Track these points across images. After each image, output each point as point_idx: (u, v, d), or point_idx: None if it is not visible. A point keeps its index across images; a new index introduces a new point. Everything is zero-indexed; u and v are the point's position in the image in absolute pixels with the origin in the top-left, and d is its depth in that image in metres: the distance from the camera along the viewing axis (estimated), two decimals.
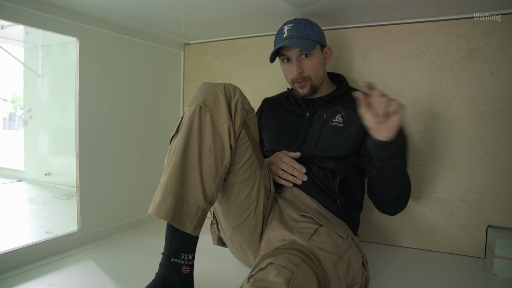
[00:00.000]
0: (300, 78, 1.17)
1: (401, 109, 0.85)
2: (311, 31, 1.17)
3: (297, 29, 1.16)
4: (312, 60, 1.17)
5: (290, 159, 1.10)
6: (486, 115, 1.27)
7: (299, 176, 1.09)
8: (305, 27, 1.16)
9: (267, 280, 0.67)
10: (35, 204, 2.02)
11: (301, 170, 1.09)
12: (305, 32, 1.16)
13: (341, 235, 0.95)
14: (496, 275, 1.14)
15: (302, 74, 1.17)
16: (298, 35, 1.15)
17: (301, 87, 1.19)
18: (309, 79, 1.18)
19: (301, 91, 1.20)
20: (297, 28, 1.16)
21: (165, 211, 0.83)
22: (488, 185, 1.27)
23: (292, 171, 1.09)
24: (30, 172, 2.75)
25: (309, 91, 1.19)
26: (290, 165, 1.09)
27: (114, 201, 1.49)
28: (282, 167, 1.10)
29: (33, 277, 1.07)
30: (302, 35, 1.15)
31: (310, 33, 1.16)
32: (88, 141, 1.37)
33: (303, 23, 1.17)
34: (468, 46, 1.29)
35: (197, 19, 1.47)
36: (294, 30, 1.16)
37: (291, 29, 1.16)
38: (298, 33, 1.15)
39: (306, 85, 1.18)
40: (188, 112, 0.88)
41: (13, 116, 15.24)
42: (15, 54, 2.62)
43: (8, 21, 1.18)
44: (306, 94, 1.20)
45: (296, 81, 1.19)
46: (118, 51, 1.50)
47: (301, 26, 1.16)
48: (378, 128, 0.89)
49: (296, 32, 1.15)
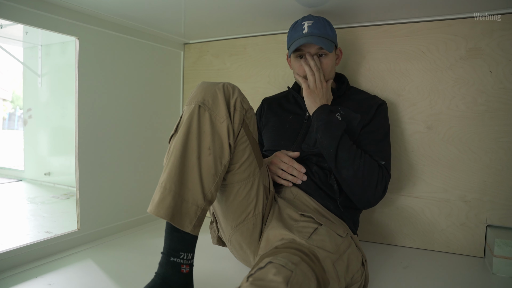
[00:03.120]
0: None
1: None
2: (330, 30, 1.17)
3: (317, 27, 1.15)
4: (327, 60, 1.17)
5: (289, 158, 1.10)
6: (486, 114, 1.27)
7: (299, 176, 1.09)
8: (325, 26, 1.16)
9: (266, 279, 0.67)
10: (34, 204, 2.02)
11: (300, 170, 1.09)
12: (324, 31, 1.15)
13: (341, 234, 0.95)
14: (495, 274, 1.14)
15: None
16: (318, 33, 1.14)
17: None
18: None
19: None
20: (317, 26, 1.15)
21: (164, 210, 0.83)
22: (487, 184, 1.27)
23: (292, 170, 1.09)
24: (29, 172, 2.75)
25: None
26: (289, 165, 1.09)
27: (113, 201, 1.49)
28: (281, 167, 1.10)
29: (33, 277, 1.07)
30: (322, 33, 1.15)
31: (329, 32, 1.17)
32: (87, 141, 1.37)
33: (322, 22, 1.16)
34: (468, 46, 1.29)
35: (196, 19, 1.47)
36: (314, 27, 1.15)
37: (312, 26, 1.15)
38: (318, 31, 1.14)
39: None
40: (187, 111, 0.88)
41: (12, 116, 15.24)
42: (15, 53, 2.61)
43: (7, 20, 1.17)
44: None
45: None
46: (118, 51, 1.49)
47: (321, 24, 1.16)
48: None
49: (316, 30, 1.14)
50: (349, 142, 1.06)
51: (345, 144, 1.05)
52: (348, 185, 1.06)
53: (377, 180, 1.05)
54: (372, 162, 1.06)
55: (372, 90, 1.43)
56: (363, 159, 1.05)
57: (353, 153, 1.04)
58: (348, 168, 1.04)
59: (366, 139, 1.13)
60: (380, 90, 1.42)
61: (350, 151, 1.04)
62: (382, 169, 1.08)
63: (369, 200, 1.08)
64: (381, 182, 1.06)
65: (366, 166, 1.04)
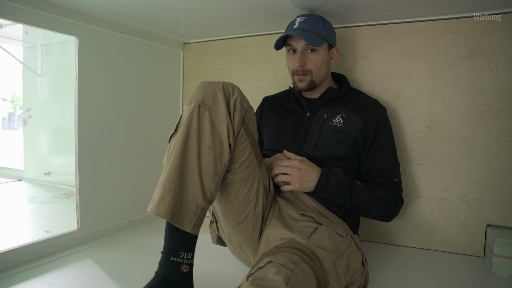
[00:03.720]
0: (301, 71, 1.17)
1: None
2: (322, 27, 1.17)
3: (308, 23, 1.16)
4: (316, 56, 1.17)
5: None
6: (486, 114, 1.27)
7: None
8: (317, 23, 1.17)
9: (266, 278, 0.67)
10: (34, 204, 2.02)
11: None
12: (315, 27, 1.16)
13: (341, 234, 0.95)
14: (495, 274, 1.14)
15: (303, 67, 1.17)
16: (307, 29, 1.15)
17: (300, 80, 1.19)
18: (310, 73, 1.17)
19: (299, 84, 1.19)
20: (308, 22, 1.16)
21: (164, 210, 0.83)
22: (487, 184, 1.27)
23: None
24: (29, 172, 2.75)
25: (308, 85, 1.19)
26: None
27: (113, 200, 1.49)
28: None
29: (33, 276, 1.07)
30: (312, 29, 1.15)
31: (321, 29, 1.17)
32: (87, 141, 1.37)
33: (315, 19, 1.17)
34: (467, 45, 1.29)
35: (196, 18, 1.47)
36: (305, 23, 1.16)
37: (303, 21, 1.17)
38: (307, 27, 1.15)
39: (306, 79, 1.18)
40: (187, 111, 0.88)
41: (12, 115, 15.23)
42: (14, 53, 2.61)
43: (7, 20, 1.17)
44: (303, 88, 1.19)
45: (296, 73, 1.19)
46: (118, 50, 1.49)
47: (313, 21, 1.17)
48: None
49: (306, 25, 1.15)
50: (360, 189, 1.07)
51: (358, 195, 1.06)
52: (373, 218, 1.15)
53: (395, 204, 1.12)
54: (387, 192, 1.11)
55: (372, 90, 1.43)
56: (379, 195, 1.09)
57: (368, 197, 1.07)
58: (370, 211, 1.09)
59: (380, 157, 1.16)
60: (380, 89, 1.42)
61: (365, 198, 1.07)
62: (396, 188, 1.14)
63: (392, 218, 1.16)
64: (398, 202, 1.14)
65: (384, 200, 1.09)
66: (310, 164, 1.06)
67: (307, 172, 1.04)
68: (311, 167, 1.06)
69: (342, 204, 1.06)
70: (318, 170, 1.05)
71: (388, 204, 1.10)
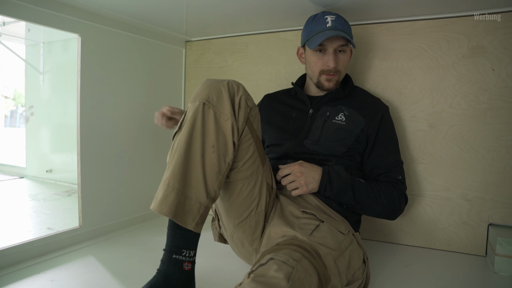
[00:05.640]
0: (333, 71, 1.16)
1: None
2: (349, 28, 1.18)
3: (341, 23, 1.15)
4: (345, 56, 1.17)
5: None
6: (488, 113, 1.27)
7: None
8: (346, 23, 1.17)
9: (268, 275, 0.67)
10: (36, 201, 2.02)
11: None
12: (347, 28, 1.16)
13: (342, 231, 0.95)
14: (497, 273, 1.14)
15: (336, 67, 1.16)
16: (342, 28, 1.14)
17: (329, 80, 1.17)
18: (338, 73, 1.17)
19: (327, 84, 1.18)
20: (341, 22, 1.15)
21: (167, 208, 0.83)
22: (489, 183, 1.27)
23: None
24: (31, 169, 2.75)
25: (335, 85, 1.19)
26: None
27: (115, 198, 1.50)
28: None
29: (35, 273, 1.07)
30: (345, 29, 1.15)
31: (350, 29, 1.17)
32: (89, 138, 1.37)
33: (343, 18, 1.17)
34: (470, 44, 1.28)
35: (198, 16, 1.47)
36: (338, 22, 1.15)
37: (335, 20, 1.15)
38: (341, 27, 1.14)
39: (334, 79, 1.17)
40: (192, 108, 0.88)
41: (14, 113, 15.26)
42: (17, 51, 2.62)
43: (10, 18, 1.18)
44: (331, 87, 1.18)
45: (326, 73, 1.17)
46: (120, 48, 1.49)
47: (343, 20, 1.16)
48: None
49: (340, 25, 1.14)
50: (363, 186, 1.06)
51: (361, 192, 1.06)
52: (377, 216, 1.16)
53: (399, 201, 1.11)
54: (390, 189, 1.10)
55: (374, 88, 1.42)
56: (382, 192, 1.08)
57: (371, 194, 1.07)
58: (374, 208, 1.09)
59: (383, 155, 1.15)
60: (382, 88, 1.42)
61: (368, 195, 1.06)
62: (399, 185, 1.13)
63: (396, 216, 1.16)
64: (402, 199, 1.13)
65: (388, 197, 1.09)
66: (309, 165, 1.06)
67: (309, 173, 1.04)
68: (311, 167, 1.06)
69: (347, 201, 1.06)
70: (319, 169, 1.05)
71: (392, 201, 1.10)
